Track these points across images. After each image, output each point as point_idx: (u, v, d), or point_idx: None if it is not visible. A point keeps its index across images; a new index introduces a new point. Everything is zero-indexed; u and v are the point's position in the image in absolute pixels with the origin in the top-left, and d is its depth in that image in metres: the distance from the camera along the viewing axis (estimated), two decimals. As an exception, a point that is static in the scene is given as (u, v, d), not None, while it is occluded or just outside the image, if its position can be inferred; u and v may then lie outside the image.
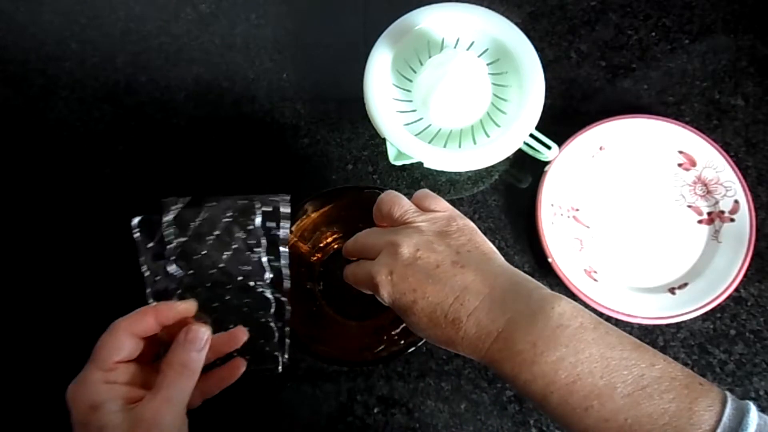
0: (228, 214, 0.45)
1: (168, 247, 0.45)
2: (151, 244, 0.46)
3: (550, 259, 0.52)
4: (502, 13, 0.56)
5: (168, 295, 0.45)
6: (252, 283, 0.45)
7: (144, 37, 0.61)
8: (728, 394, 0.31)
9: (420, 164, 0.53)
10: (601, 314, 0.52)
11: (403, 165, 0.54)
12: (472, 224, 0.39)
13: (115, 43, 0.61)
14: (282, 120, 0.59)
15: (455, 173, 0.57)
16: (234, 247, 0.45)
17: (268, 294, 0.45)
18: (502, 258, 0.38)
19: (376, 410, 0.51)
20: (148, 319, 0.37)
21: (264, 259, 0.45)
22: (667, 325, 0.53)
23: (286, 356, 0.45)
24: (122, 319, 0.36)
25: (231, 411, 0.51)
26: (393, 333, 0.47)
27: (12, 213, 0.56)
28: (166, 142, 0.58)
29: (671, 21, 0.62)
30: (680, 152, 0.56)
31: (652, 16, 0.62)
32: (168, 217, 0.45)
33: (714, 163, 0.55)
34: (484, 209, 0.56)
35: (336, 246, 0.53)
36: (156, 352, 0.39)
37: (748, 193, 0.54)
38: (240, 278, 0.45)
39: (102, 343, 0.36)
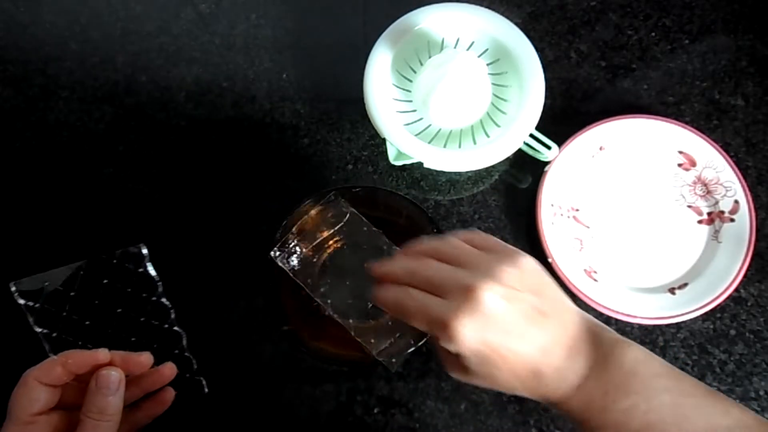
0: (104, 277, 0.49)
1: (57, 308, 0.48)
2: (37, 306, 0.48)
3: (550, 259, 0.52)
4: (502, 13, 0.56)
5: (71, 346, 0.46)
6: (157, 323, 0.49)
7: (144, 37, 0.61)
8: None
9: (420, 164, 0.53)
10: (601, 314, 0.52)
11: (403, 165, 0.54)
12: (533, 260, 0.37)
13: (115, 43, 0.61)
14: (282, 120, 0.59)
15: (455, 173, 0.57)
16: (128, 292, 0.49)
17: (177, 328, 0.49)
18: (568, 298, 0.37)
19: (376, 410, 0.51)
20: (56, 369, 0.36)
21: (164, 300, 0.49)
22: (667, 325, 0.53)
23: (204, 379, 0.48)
24: (32, 369, 0.36)
25: (231, 411, 0.51)
26: (392, 333, 0.47)
27: (12, 213, 0.56)
28: (166, 142, 0.58)
29: (671, 21, 0.62)
30: (680, 152, 0.56)
31: (652, 16, 0.62)
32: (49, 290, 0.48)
33: (714, 163, 0.55)
34: (484, 209, 0.56)
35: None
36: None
37: (748, 193, 0.54)
38: (143, 319, 0.49)
39: (16, 398, 0.35)
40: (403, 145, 0.52)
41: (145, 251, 0.50)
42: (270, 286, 0.47)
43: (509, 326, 0.34)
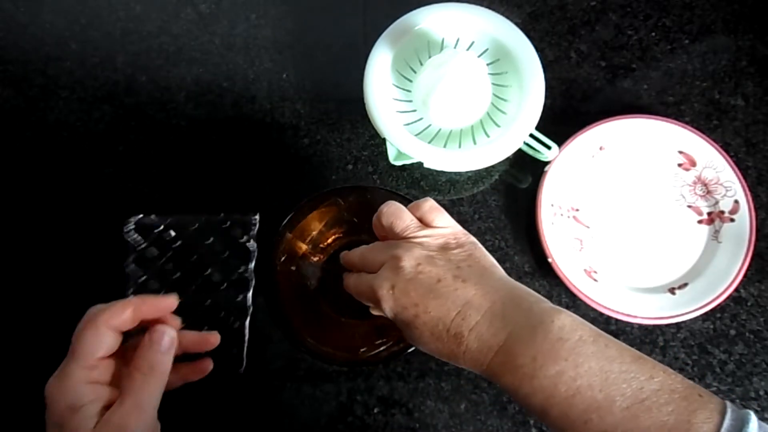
0: (210, 234, 0.50)
1: (160, 252, 0.47)
2: (143, 245, 0.48)
3: (550, 259, 0.52)
4: (502, 13, 0.56)
5: (152, 293, 0.46)
6: (233, 294, 0.49)
7: (144, 37, 0.61)
8: (729, 404, 0.31)
9: (420, 164, 0.53)
10: (601, 314, 0.52)
11: (403, 165, 0.54)
12: (473, 239, 0.40)
13: (115, 43, 0.61)
14: (282, 120, 0.59)
15: (455, 173, 0.57)
16: (223, 257, 0.49)
17: (249, 304, 0.49)
18: (503, 272, 0.39)
19: (376, 410, 0.51)
20: (127, 312, 0.35)
21: (249, 274, 0.49)
22: (667, 325, 0.53)
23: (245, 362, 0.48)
24: (101, 311, 0.35)
25: (231, 411, 0.51)
26: (393, 333, 0.47)
27: (12, 213, 0.56)
28: (166, 142, 0.58)
29: (671, 21, 0.62)
30: (680, 152, 0.56)
31: (652, 16, 0.62)
32: (159, 228, 0.49)
33: (714, 163, 0.55)
34: (484, 209, 0.56)
35: (337, 246, 0.53)
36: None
37: (748, 193, 0.54)
38: (223, 287, 0.49)
39: (83, 338, 0.34)
40: (403, 145, 0.52)
41: (256, 222, 0.50)
42: (270, 286, 0.47)
43: (425, 288, 0.36)
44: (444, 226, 0.40)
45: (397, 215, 0.41)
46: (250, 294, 0.49)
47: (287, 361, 0.52)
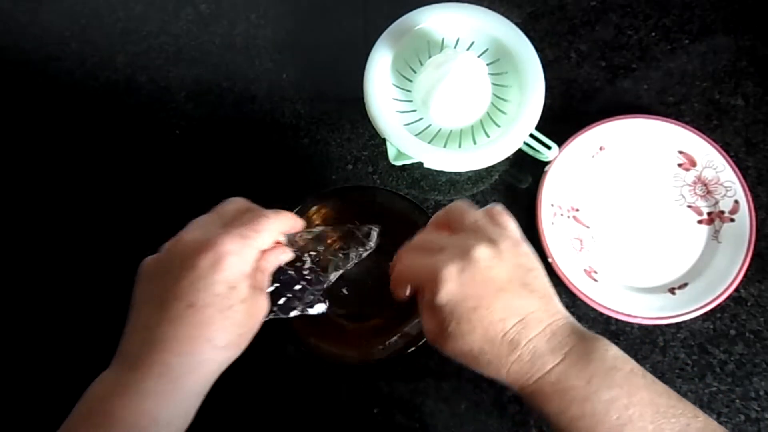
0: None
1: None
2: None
3: (550, 259, 0.52)
4: (502, 13, 0.56)
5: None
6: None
7: (144, 37, 0.61)
8: None
9: (420, 164, 0.53)
10: (601, 314, 0.52)
11: (403, 165, 0.54)
12: (535, 255, 0.38)
13: (115, 43, 0.61)
14: (282, 120, 0.59)
15: (455, 173, 0.57)
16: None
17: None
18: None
19: (376, 410, 0.51)
20: (290, 225, 0.40)
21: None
22: (667, 325, 0.53)
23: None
24: (283, 216, 0.39)
25: (231, 411, 0.51)
26: (393, 334, 0.47)
27: (11, 213, 0.56)
28: (167, 142, 0.58)
29: (671, 21, 0.62)
30: (680, 152, 0.56)
31: (652, 16, 0.62)
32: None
33: (714, 163, 0.55)
34: (484, 209, 0.56)
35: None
36: None
37: (748, 193, 0.54)
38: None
39: (266, 228, 0.37)
40: (403, 145, 0.52)
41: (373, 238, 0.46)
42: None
43: (495, 285, 0.35)
44: (512, 229, 0.38)
45: (468, 208, 0.39)
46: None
47: (287, 361, 0.52)
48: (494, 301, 0.34)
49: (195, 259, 0.34)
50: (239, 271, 0.35)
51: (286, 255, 0.40)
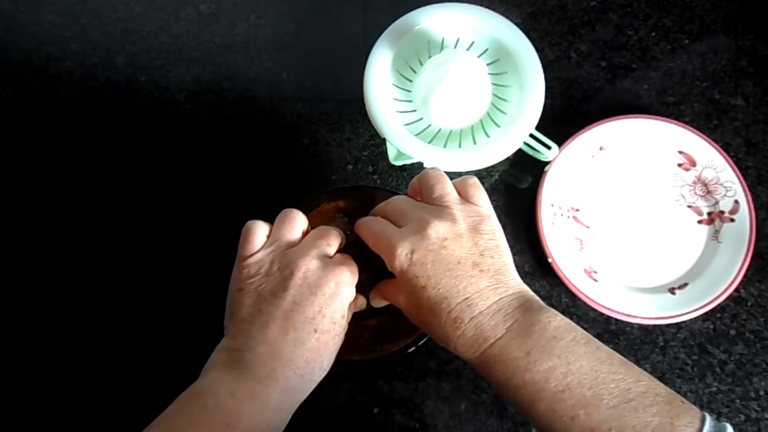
0: None
1: None
2: None
3: (550, 259, 0.52)
4: (502, 13, 0.55)
5: None
6: None
7: (144, 37, 0.61)
8: (707, 414, 0.33)
9: (420, 164, 0.53)
10: (600, 314, 0.52)
11: (403, 165, 0.54)
12: (501, 231, 0.40)
13: (115, 43, 0.61)
14: (282, 120, 0.59)
15: (455, 173, 0.57)
16: None
17: None
18: (516, 272, 0.39)
19: (376, 410, 0.51)
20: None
21: None
22: (667, 325, 0.53)
23: None
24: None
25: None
26: (392, 333, 0.47)
27: (12, 213, 0.56)
28: (166, 142, 0.58)
29: (671, 21, 0.62)
30: (680, 152, 0.56)
31: (652, 16, 0.62)
32: None
33: (714, 163, 0.55)
34: (484, 209, 0.56)
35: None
36: None
37: (748, 193, 0.54)
38: None
39: (323, 233, 0.41)
40: (403, 145, 0.52)
41: None
42: None
43: (444, 265, 0.36)
44: (482, 205, 0.40)
45: (439, 180, 0.40)
46: None
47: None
48: (441, 280, 0.36)
49: (321, 287, 0.38)
50: (348, 300, 0.39)
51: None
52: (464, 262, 0.37)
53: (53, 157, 0.58)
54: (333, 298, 0.38)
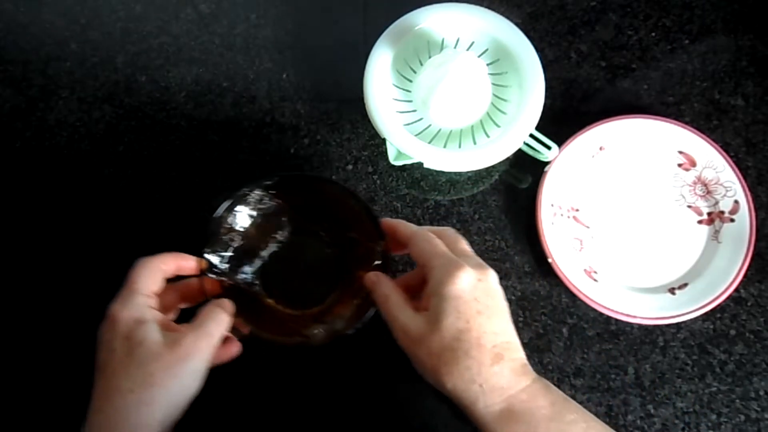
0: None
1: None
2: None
3: (550, 259, 0.52)
4: (502, 13, 0.56)
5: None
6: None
7: (144, 37, 0.61)
8: None
9: (420, 164, 0.53)
10: (600, 314, 0.52)
11: (403, 165, 0.54)
12: None
13: (115, 43, 0.61)
14: (282, 120, 0.59)
15: (455, 173, 0.57)
16: None
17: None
18: None
19: (375, 410, 0.51)
20: (171, 261, 0.42)
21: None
22: (667, 325, 0.53)
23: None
24: (154, 257, 0.41)
25: (225, 409, 0.51)
26: (331, 318, 0.46)
27: (12, 214, 0.56)
28: (166, 142, 0.58)
29: (671, 21, 0.62)
30: (680, 152, 0.56)
31: (652, 16, 0.62)
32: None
33: (714, 163, 0.55)
34: (484, 209, 0.56)
35: (278, 237, 0.51)
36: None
37: (748, 193, 0.54)
38: None
39: (139, 274, 0.40)
40: (403, 145, 0.52)
41: None
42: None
43: (500, 303, 0.40)
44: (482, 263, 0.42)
45: (461, 238, 0.43)
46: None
47: (288, 362, 0.52)
48: (496, 314, 0.39)
49: None
50: (132, 320, 0.39)
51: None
52: (507, 314, 0.40)
53: (53, 157, 0.58)
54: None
